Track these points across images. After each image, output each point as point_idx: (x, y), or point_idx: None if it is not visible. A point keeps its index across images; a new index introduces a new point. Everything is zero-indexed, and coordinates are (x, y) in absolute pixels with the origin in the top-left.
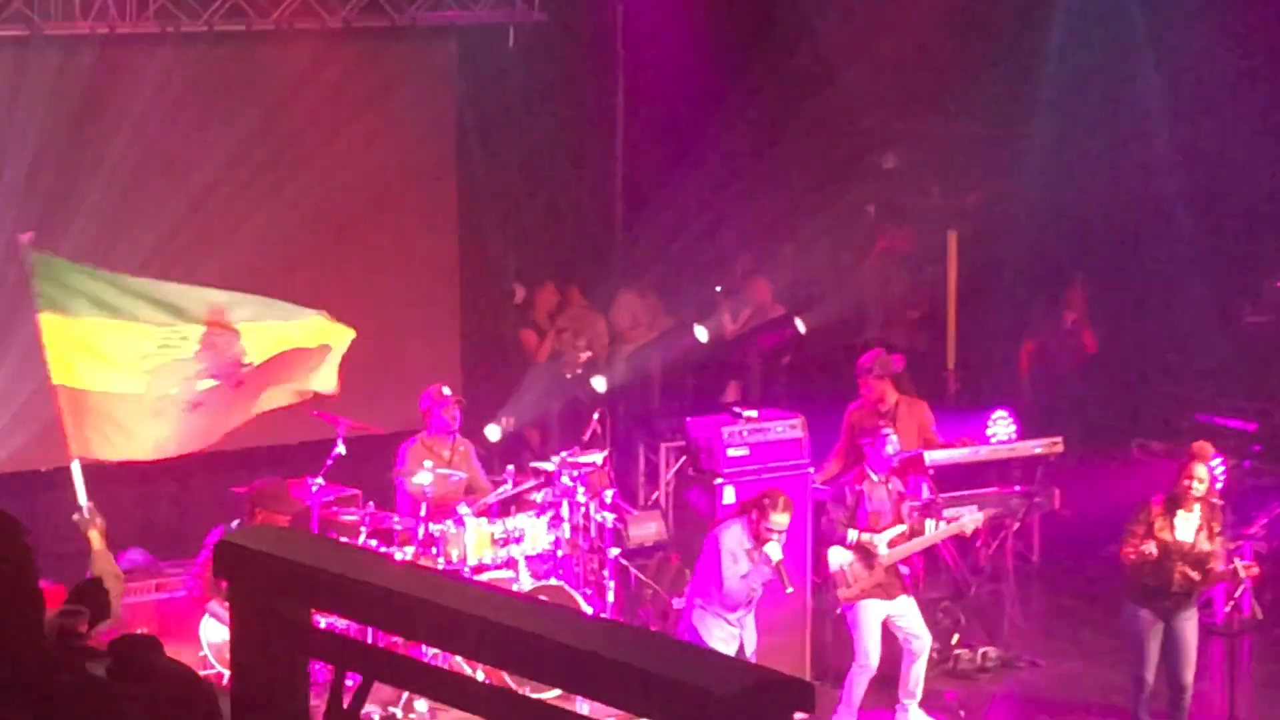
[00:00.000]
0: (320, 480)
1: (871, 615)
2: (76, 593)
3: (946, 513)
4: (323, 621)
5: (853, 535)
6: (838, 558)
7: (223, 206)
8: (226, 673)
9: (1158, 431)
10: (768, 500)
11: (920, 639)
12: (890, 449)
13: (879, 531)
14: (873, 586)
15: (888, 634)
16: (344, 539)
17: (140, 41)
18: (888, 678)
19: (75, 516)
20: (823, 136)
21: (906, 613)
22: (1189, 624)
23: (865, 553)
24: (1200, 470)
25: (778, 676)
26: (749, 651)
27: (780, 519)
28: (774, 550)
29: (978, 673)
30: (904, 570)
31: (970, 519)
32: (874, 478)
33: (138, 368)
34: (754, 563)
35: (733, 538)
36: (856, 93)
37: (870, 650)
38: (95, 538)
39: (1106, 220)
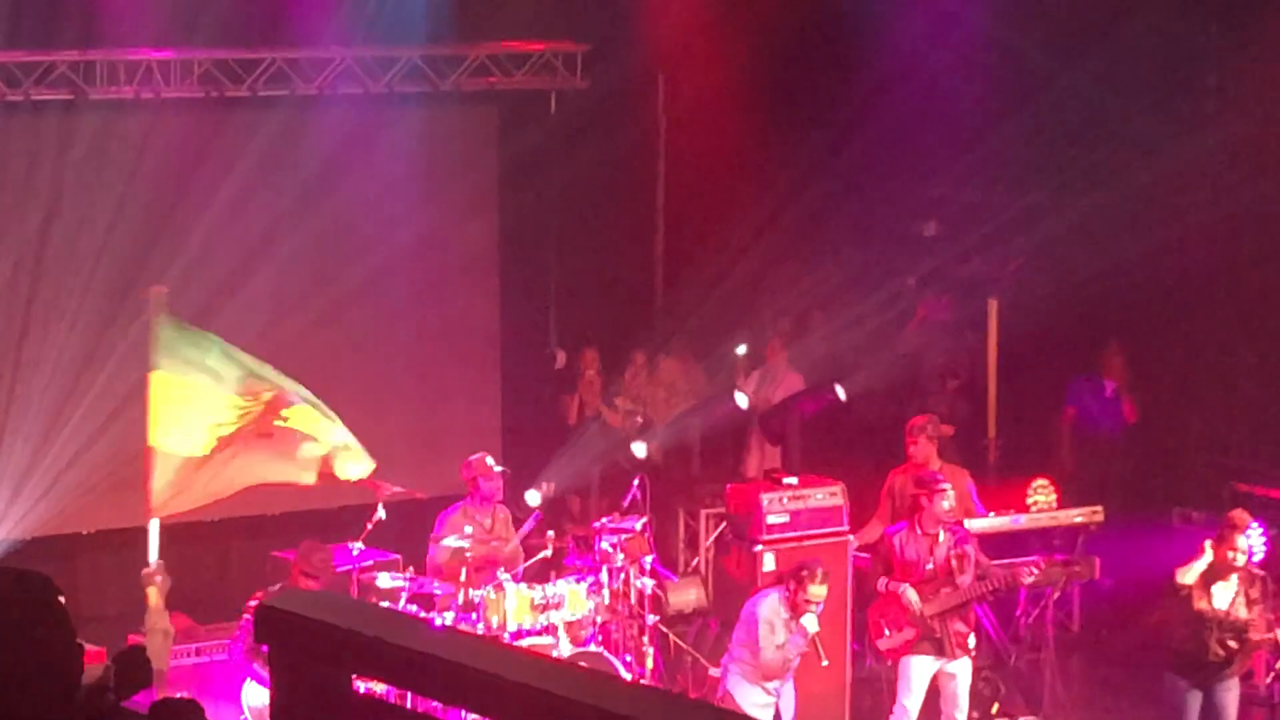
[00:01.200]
0: (360, 544)
1: (916, 670)
2: (118, 658)
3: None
4: (363, 686)
5: (881, 583)
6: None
7: (266, 272)
8: None
9: (1199, 501)
10: (806, 573)
11: (960, 711)
12: (946, 504)
13: (911, 583)
14: (919, 641)
15: (934, 696)
16: (384, 604)
17: (184, 107)
18: None
19: (145, 570)
20: (863, 203)
21: (959, 675)
22: (1230, 694)
23: (899, 602)
24: (1240, 541)
25: None
26: (786, 719)
27: (817, 591)
28: (811, 623)
29: None
30: (963, 629)
31: (998, 578)
32: (917, 530)
33: (214, 433)
34: (790, 633)
35: (769, 607)
36: (897, 160)
37: (909, 707)
38: (153, 594)
39: (1148, 287)
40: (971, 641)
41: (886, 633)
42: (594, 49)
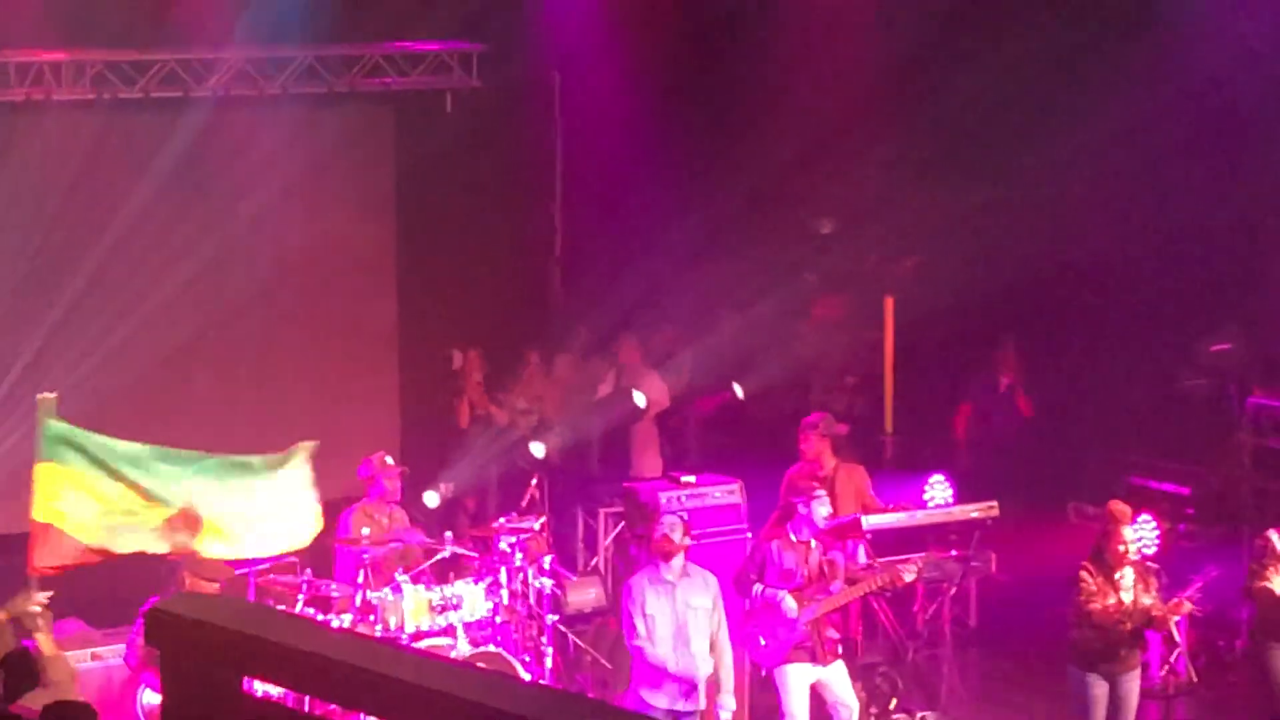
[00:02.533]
0: None
1: (796, 679)
2: (4, 663)
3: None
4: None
5: (757, 589)
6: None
7: (159, 273)
8: None
9: (1093, 495)
10: (655, 528)
11: (848, 707)
12: (823, 510)
13: (788, 590)
14: (794, 649)
15: (819, 699)
16: (280, 606)
17: (77, 109)
18: None
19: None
20: (760, 202)
21: (835, 680)
22: (1134, 684)
23: (775, 611)
24: (1127, 532)
25: None
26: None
27: (669, 521)
28: (674, 536)
29: None
30: (833, 635)
31: (874, 580)
32: (792, 538)
33: (100, 523)
34: (659, 595)
35: (631, 592)
36: (794, 159)
37: (798, 714)
38: (45, 642)
39: (1041, 285)
40: (840, 648)
41: (762, 642)
42: (489, 49)
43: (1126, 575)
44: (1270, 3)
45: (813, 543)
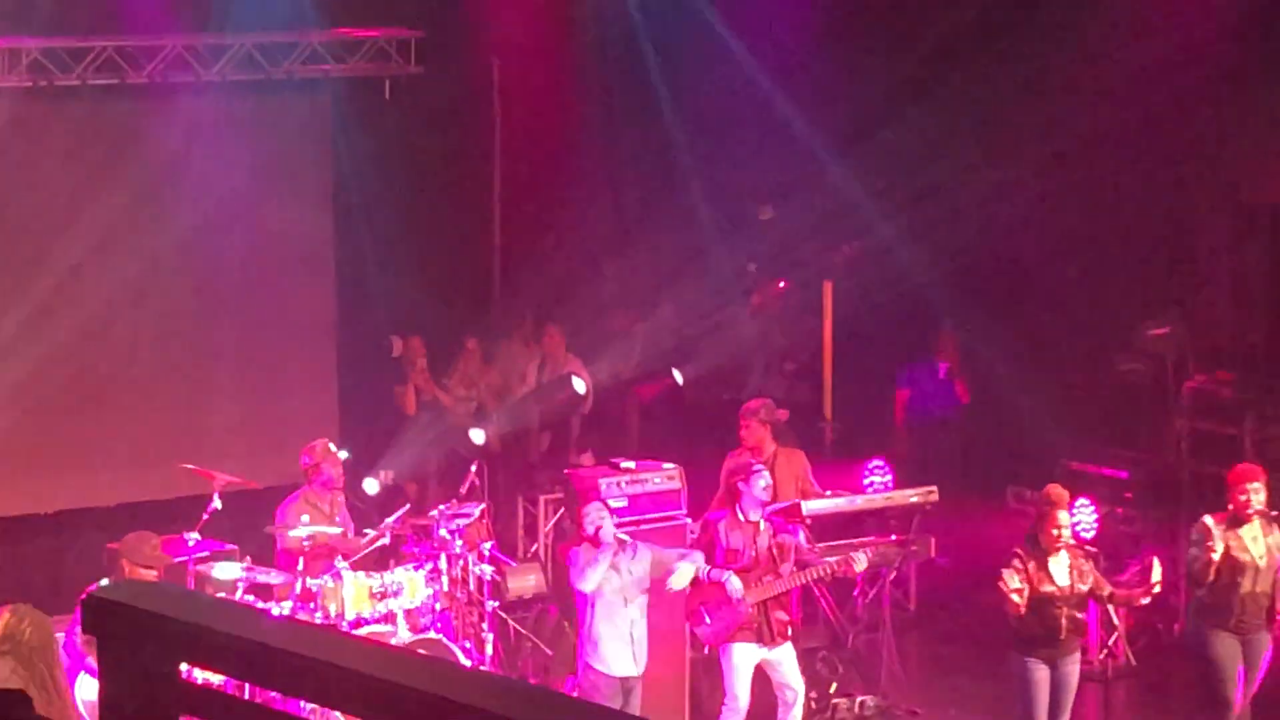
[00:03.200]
0: (196, 535)
1: (741, 658)
2: None
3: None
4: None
5: (703, 569)
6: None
7: (100, 262)
8: None
9: (1031, 479)
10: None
11: (793, 690)
12: (763, 483)
13: (734, 571)
14: (739, 629)
15: (764, 680)
16: (220, 594)
17: (13, 96)
18: None
19: None
20: (700, 188)
21: (782, 661)
22: (1075, 668)
23: (721, 590)
24: (1062, 516)
25: None
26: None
27: (591, 508)
28: (605, 533)
29: None
30: (782, 617)
31: (824, 566)
32: (739, 517)
33: None
34: (600, 560)
35: (578, 555)
36: (734, 145)
37: (739, 694)
38: None
39: (980, 270)
40: (790, 630)
41: (707, 620)
42: (428, 36)
43: (1061, 559)
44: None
45: (762, 524)
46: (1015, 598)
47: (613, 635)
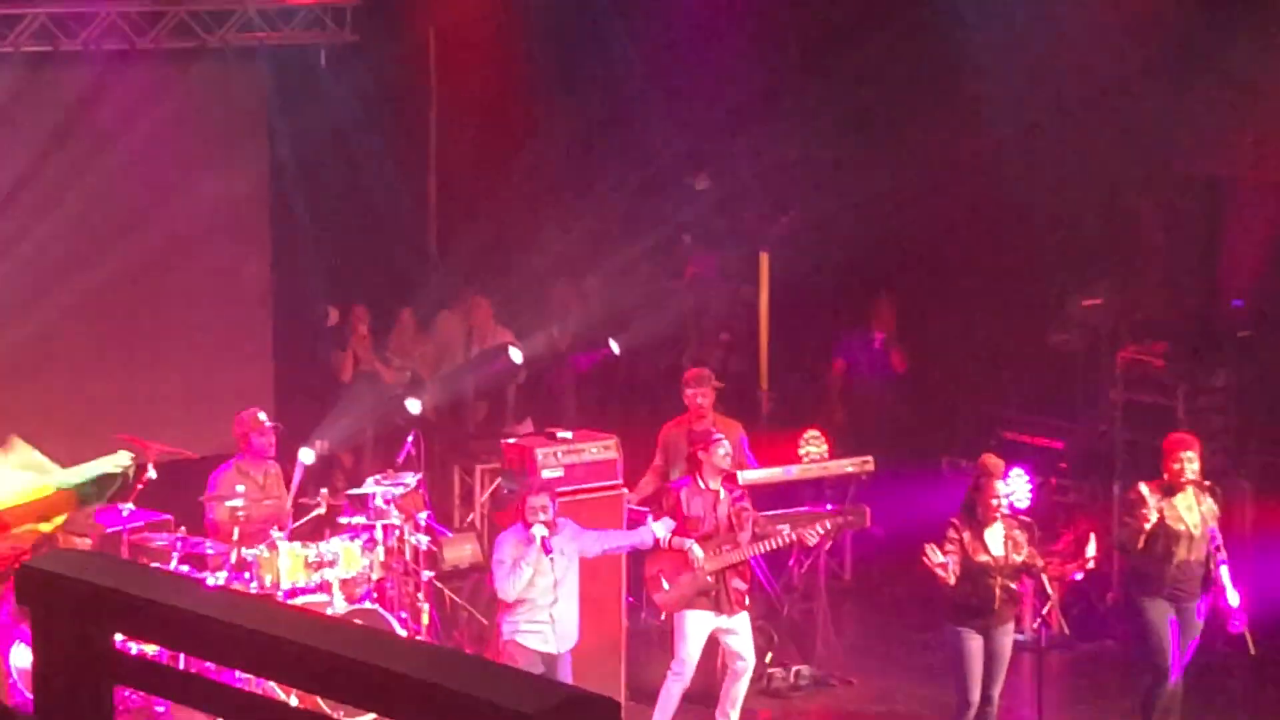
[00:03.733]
0: (130, 505)
1: (694, 625)
2: None
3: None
4: (135, 648)
5: (663, 535)
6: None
7: (33, 232)
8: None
9: (966, 449)
10: (527, 493)
11: (744, 661)
12: (723, 451)
13: (694, 538)
14: (695, 595)
15: (712, 649)
16: (154, 564)
17: None
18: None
19: None
20: (636, 157)
21: (737, 631)
22: (1008, 638)
23: (680, 557)
24: (1000, 487)
25: (585, 695)
26: (564, 670)
27: (535, 500)
28: (537, 530)
29: (791, 691)
30: (741, 586)
31: (784, 535)
32: (700, 484)
33: None
34: (530, 563)
35: (504, 547)
36: (669, 114)
37: (687, 660)
38: None
39: (916, 240)
40: (746, 600)
41: (665, 586)
42: (364, 3)
43: (997, 529)
44: None
45: (722, 492)
46: (940, 572)
47: (531, 615)
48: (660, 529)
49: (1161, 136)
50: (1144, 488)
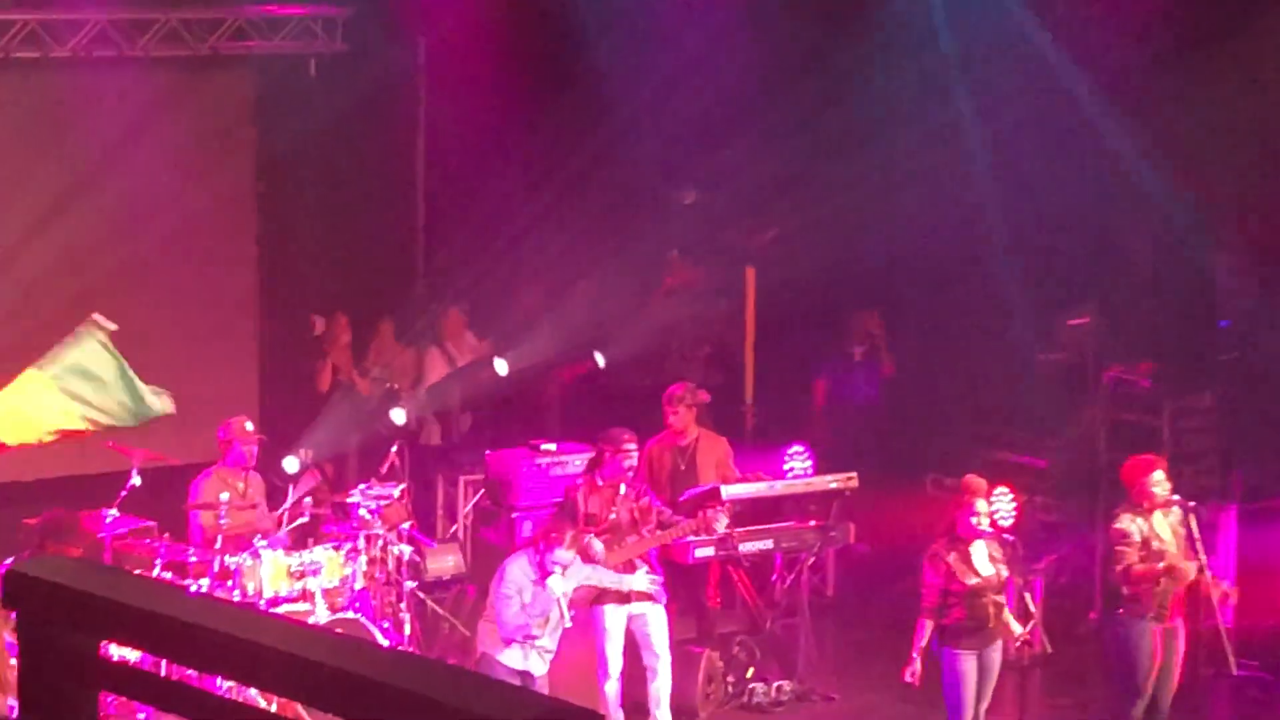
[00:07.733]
0: (114, 511)
1: (610, 621)
2: None
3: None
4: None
5: (599, 549)
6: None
7: (20, 237)
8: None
9: (951, 467)
10: (554, 535)
11: (656, 656)
12: (627, 463)
13: (595, 534)
14: (603, 591)
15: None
16: (138, 571)
17: None
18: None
19: None
20: (623, 171)
21: (649, 620)
22: (998, 654)
23: (585, 554)
24: (983, 506)
25: (568, 707)
26: (538, 673)
27: (563, 554)
28: (555, 584)
29: (773, 706)
30: (656, 579)
31: (685, 526)
32: (598, 482)
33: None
34: (535, 596)
35: (519, 569)
36: (657, 128)
37: (611, 655)
38: None
39: (902, 257)
40: (663, 595)
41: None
42: (354, 13)
43: (980, 548)
44: None
45: (622, 488)
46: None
47: (519, 639)
48: (555, 586)
49: (1149, 158)
50: (1125, 521)
